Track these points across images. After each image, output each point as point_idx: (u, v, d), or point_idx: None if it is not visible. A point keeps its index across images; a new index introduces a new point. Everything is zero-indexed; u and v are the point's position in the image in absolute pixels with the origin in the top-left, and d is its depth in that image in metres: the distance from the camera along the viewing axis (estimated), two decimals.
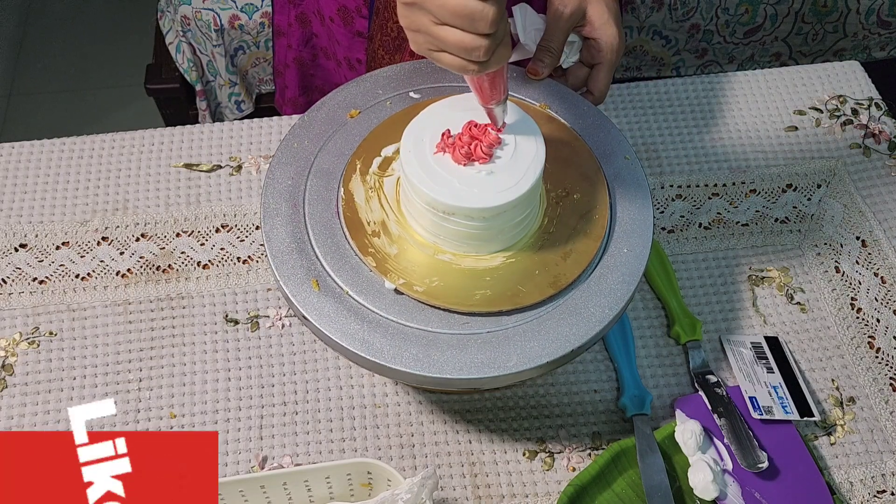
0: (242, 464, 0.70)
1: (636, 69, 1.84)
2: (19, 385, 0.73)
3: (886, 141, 0.89)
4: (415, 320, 0.59)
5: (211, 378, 0.74)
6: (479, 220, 0.58)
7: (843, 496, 0.69)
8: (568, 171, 0.66)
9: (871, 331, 0.77)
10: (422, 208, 0.60)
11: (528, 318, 0.60)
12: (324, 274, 0.61)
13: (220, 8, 1.56)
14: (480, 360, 0.58)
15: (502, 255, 0.62)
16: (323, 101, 0.70)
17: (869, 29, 1.80)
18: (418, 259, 0.61)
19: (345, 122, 0.69)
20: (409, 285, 0.60)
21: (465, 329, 0.59)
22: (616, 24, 0.68)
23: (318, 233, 0.63)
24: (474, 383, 0.58)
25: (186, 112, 1.71)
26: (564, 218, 0.64)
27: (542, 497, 0.69)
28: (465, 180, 0.58)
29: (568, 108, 0.71)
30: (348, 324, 0.59)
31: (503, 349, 0.58)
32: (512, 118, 0.61)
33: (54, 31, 2.22)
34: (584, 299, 0.61)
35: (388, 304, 0.60)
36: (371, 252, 0.61)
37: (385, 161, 0.66)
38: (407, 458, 0.70)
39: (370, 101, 0.70)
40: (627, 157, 0.68)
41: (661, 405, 0.73)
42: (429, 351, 0.58)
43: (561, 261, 0.62)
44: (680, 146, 0.88)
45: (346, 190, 0.64)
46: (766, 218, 0.84)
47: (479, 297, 0.60)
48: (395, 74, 0.72)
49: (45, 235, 0.81)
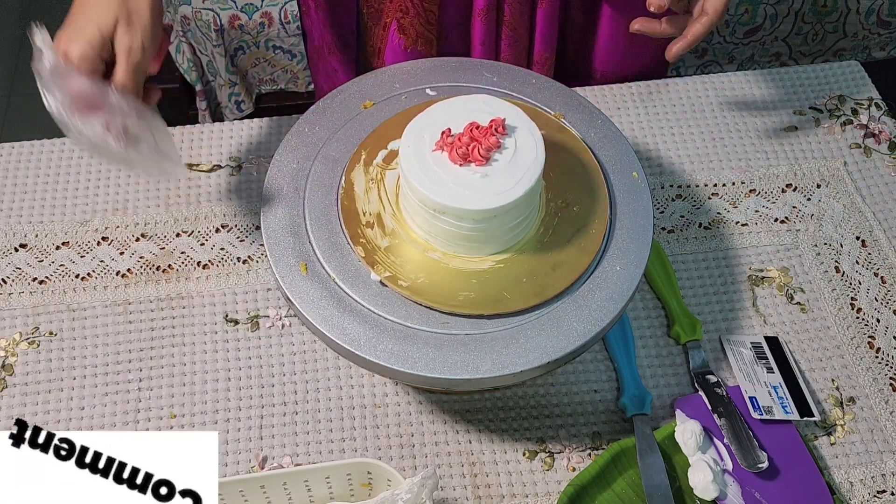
0: (242, 464, 0.70)
1: None
2: (19, 385, 0.73)
3: (886, 141, 0.89)
4: (395, 314, 0.60)
5: (211, 378, 0.74)
6: (469, 221, 0.58)
7: (843, 496, 0.69)
8: (571, 183, 0.66)
9: (871, 331, 0.77)
10: (415, 205, 0.60)
11: (508, 324, 0.60)
12: (314, 258, 0.62)
13: (220, 8, 1.55)
14: (454, 362, 0.58)
15: (492, 259, 0.62)
16: (339, 89, 0.71)
17: (869, 29, 1.80)
18: (408, 254, 0.62)
19: (358, 112, 0.70)
20: (394, 279, 0.60)
21: (444, 329, 0.59)
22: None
23: (315, 217, 0.64)
24: (446, 384, 0.59)
25: (186, 112, 1.71)
26: (560, 229, 0.64)
27: (542, 497, 0.69)
28: (460, 181, 0.58)
29: (583, 119, 0.71)
30: (330, 310, 0.60)
31: (479, 353, 0.58)
32: (517, 124, 0.61)
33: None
34: (568, 313, 0.61)
35: (372, 296, 0.60)
36: (362, 242, 0.62)
37: (390, 154, 0.66)
38: (407, 458, 0.70)
39: (386, 94, 0.71)
40: (635, 175, 0.68)
41: (661, 405, 0.73)
42: (405, 346, 0.58)
43: (550, 271, 0.62)
44: (680, 146, 0.88)
45: (347, 178, 0.65)
46: (765, 218, 0.84)
47: (463, 299, 0.60)
48: (414, 70, 0.73)
49: (45, 235, 0.81)
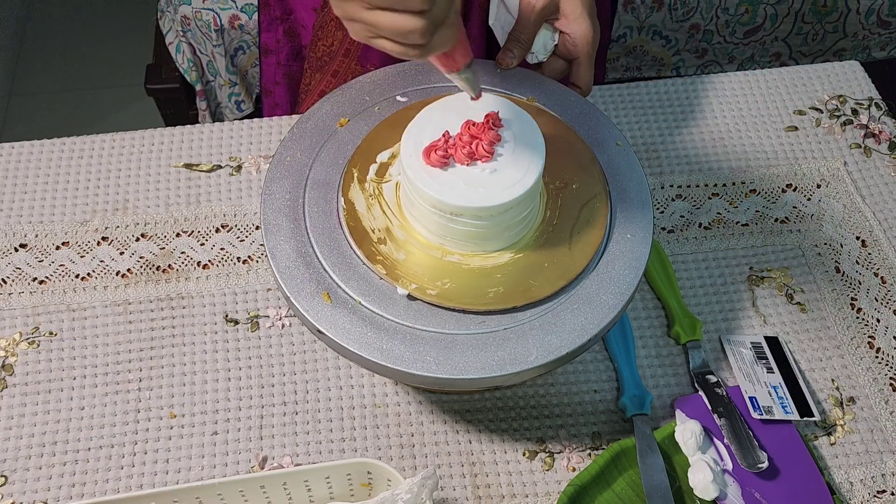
0: (242, 464, 0.70)
1: (636, 69, 1.85)
2: (19, 385, 0.73)
3: (886, 141, 0.89)
4: (430, 324, 0.59)
5: (211, 378, 0.74)
6: (486, 218, 0.58)
7: (843, 496, 0.69)
8: (564, 162, 0.66)
9: (871, 331, 0.77)
10: (427, 211, 0.60)
11: (542, 311, 0.60)
12: (334, 286, 0.61)
13: (220, 8, 1.56)
14: (501, 358, 0.58)
15: (510, 252, 0.62)
16: (310, 111, 0.70)
17: (869, 29, 1.80)
18: (427, 262, 0.61)
19: (335, 131, 0.69)
20: (421, 289, 0.60)
21: (481, 328, 0.59)
22: (590, 17, 0.68)
23: (323, 245, 0.63)
24: (497, 381, 0.58)
25: (186, 112, 1.71)
26: (566, 209, 0.64)
27: (542, 497, 0.69)
28: (470, 180, 0.58)
29: (556, 101, 0.71)
30: (364, 334, 0.59)
31: (522, 344, 0.58)
32: (506, 113, 0.61)
33: (54, 31, 2.23)
34: (595, 288, 0.61)
35: (402, 311, 0.60)
36: (380, 260, 0.61)
37: (381, 167, 0.65)
38: (407, 458, 0.70)
39: (358, 109, 0.70)
40: (619, 144, 0.68)
41: (661, 405, 0.73)
42: (449, 353, 0.58)
43: (568, 252, 0.62)
44: (680, 146, 0.88)
45: (346, 199, 0.64)
46: (765, 218, 0.84)
47: (493, 295, 0.60)
48: (381, 79, 0.72)
49: (45, 235, 0.81)
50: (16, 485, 0.68)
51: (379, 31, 0.51)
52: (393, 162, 0.65)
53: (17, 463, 0.69)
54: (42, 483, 0.68)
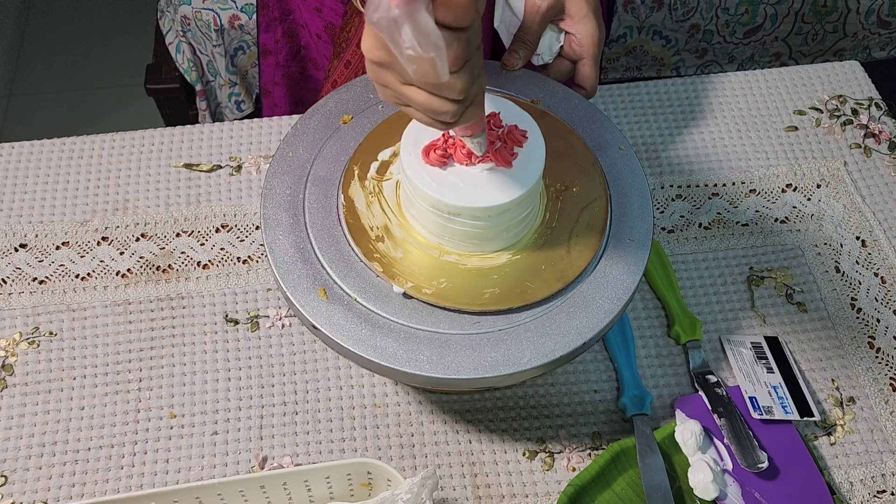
0: (242, 464, 0.70)
1: (636, 69, 1.85)
2: (19, 385, 0.73)
3: (886, 141, 0.89)
4: (425, 323, 0.59)
5: (211, 378, 0.74)
6: (485, 218, 0.58)
7: (843, 496, 0.69)
8: (565, 165, 0.66)
9: (871, 331, 0.77)
10: (426, 210, 0.60)
11: (538, 313, 0.60)
12: (330, 282, 0.61)
13: (220, 8, 1.56)
14: (494, 359, 0.58)
15: (507, 253, 0.62)
16: (314, 108, 0.70)
17: (869, 29, 1.80)
18: (424, 261, 0.61)
19: (338, 127, 0.69)
20: (417, 288, 0.60)
21: (476, 328, 0.59)
22: (596, 17, 0.68)
23: (322, 241, 0.63)
24: (490, 382, 0.58)
25: (186, 112, 1.71)
26: (566, 211, 0.64)
27: (542, 497, 0.69)
28: (469, 180, 0.58)
29: (559, 103, 0.71)
30: (359, 331, 0.59)
31: (516, 346, 0.58)
32: (506, 113, 0.61)
33: (54, 31, 2.23)
34: (592, 291, 0.61)
35: (398, 309, 0.60)
36: (377, 257, 0.61)
37: (382, 165, 0.65)
38: (407, 458, 0.70)
39: (362, 106, 0.70)
40: (622, 148, 0.68)
41: (661, 405, 0.73)
42: (442, 353, 0.58)
43: (566, 254, 0.62)
44: (680, 146, 0.88)
45: (346, 196, 0.64)
46: (765, 218, 0.84)
47: (489, 296, 0.60)
48: None
49: (45, 235, 0.81)
50: (16, 485, 0.68)
51: (411, 103, 0.51)
52: (394, 160, 0.65)
53: (17, 463, 0.69)
54: (42, 483, 0.68)
